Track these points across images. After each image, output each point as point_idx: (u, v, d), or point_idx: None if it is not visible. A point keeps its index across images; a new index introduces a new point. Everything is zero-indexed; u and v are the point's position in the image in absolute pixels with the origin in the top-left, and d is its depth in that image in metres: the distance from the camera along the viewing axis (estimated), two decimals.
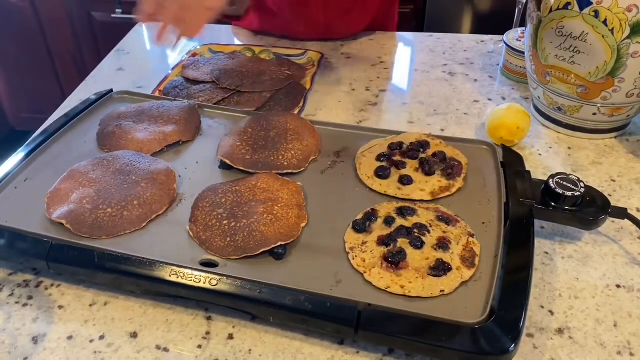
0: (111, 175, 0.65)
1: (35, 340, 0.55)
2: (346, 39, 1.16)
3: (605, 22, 0.71)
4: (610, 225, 0.68)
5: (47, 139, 0.74)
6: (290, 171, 0.69)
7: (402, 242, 0.57)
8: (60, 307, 0.58)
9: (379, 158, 0.70)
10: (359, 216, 0.62)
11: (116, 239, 0.60)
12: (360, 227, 0.60)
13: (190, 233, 0.60)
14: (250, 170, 0.69)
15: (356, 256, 0.57)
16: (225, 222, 0.60)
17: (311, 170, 0.71)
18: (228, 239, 0.59)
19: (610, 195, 0.73)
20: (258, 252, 0.57)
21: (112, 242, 0.59)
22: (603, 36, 0.72)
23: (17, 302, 0.59)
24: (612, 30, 0.71)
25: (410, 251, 0.56)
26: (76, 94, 0.97)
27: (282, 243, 0.58)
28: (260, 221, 0.59)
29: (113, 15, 2.05)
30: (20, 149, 0.72)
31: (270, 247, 0.57)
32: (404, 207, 0.62)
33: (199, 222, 0.61)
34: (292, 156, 0.70)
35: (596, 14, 0.71)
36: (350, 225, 0.61)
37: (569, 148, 0.82)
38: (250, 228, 0.59)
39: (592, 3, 0.71)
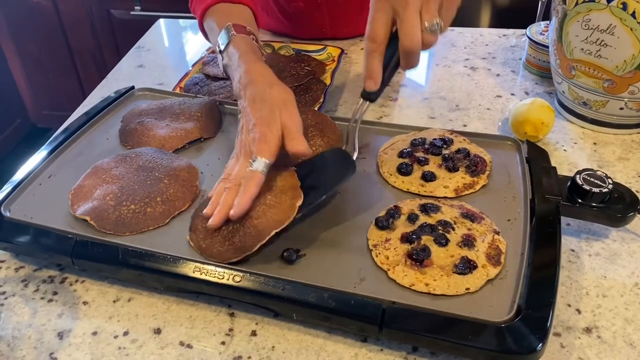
0: (134, 172, 0.66)
1: (60, 335, 0.55)
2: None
3: (633, 15, 0.69)
4: (638, 222, 0.66)
5: (70, 136, 0.74)
6: None
7: (426, 240, 0.57)
8: (85, 302, 0.59)
9: (401, 154, 0.70)
10: (382, 213, 0.61)
11: (139, 235, 0.60)
12: (383, 224, 0.59)
13: (191, 243, 0.59)
14: None
15: (379, 253, 0.57)
16: (224, 227, 0.59)
17: None
18: (227, 242, 0.57)
19: (637, 192, 0.71)
20: (256, 248, 0.56)
21: (136, 238, 0.60)
22: (631, 29, 0.70)
23: (42, 298, 0.59)
24: None
25: (434, 248, 0.56)
26: (97, 91, 0.98)
27: (277, 231, 0.56)
28: (252, 215, 0.58)
29: (132, 13, 2.07)
30: (44, 145, 0.73)
31: (267, 239, 0.56)
32: (428, 204, 0.61)
33: (198, 230, 0.60)
34: (313, 152, 0.70)
35: (624, 6, 0.69)
36: (373, 222, 0.60)
37: (595, 143, 0.81)
38: (244, 226, 0.58)
39: None
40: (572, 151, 0.80)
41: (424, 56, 1.09)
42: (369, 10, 0.60)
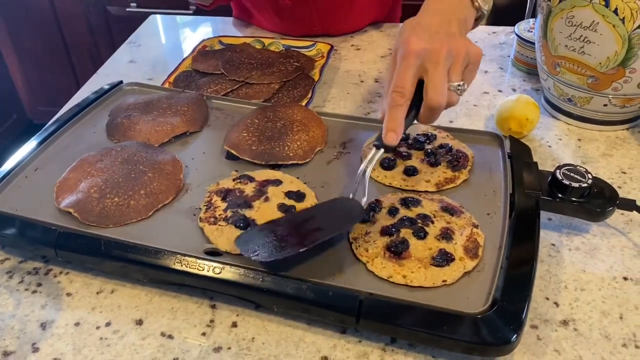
0: (119, 165, 0.66)
1: (43, 326, 0.56)
2: (355, 31, 1.16)
3: (615, 12, 0.69)
4: (619, 217, 0.67)
5: (57, 130, 0.75)
6: (295, 162, 0.69)
7: (405, 233, 0.57)
8: (69, 294, 0.59)
9: None
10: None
11: (123, 227, 0.60)
12: (364, 217, 0.60)
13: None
14: (256, 161, 0.69)
15: (359, 246, 0.57)
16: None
17: (317, 161, 0.71)
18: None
19: (620, 187, 0.72)
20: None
21: (119, 230, 0.60)
22: (614, 26, 0.71)
23: (26, 289, 0.60)
24: (622, 20, 0.70)
25: (413, 241, 0.56)
26: (88, 86, 0.98)
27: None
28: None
29: (128, 9, 2.07)
30: (32, 139, 0.73)
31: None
32: (408, 198, 0.62)
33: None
34: (297, 147, 0.70)
35: (606, 3, 0.70)
36: None
37: (579, 140, 0.82)
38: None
39: None
40: (557, 147, 0.80)
41: None
42: (396, 64, 0.60)
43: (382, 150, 0.60)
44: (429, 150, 0.69)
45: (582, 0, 0.71)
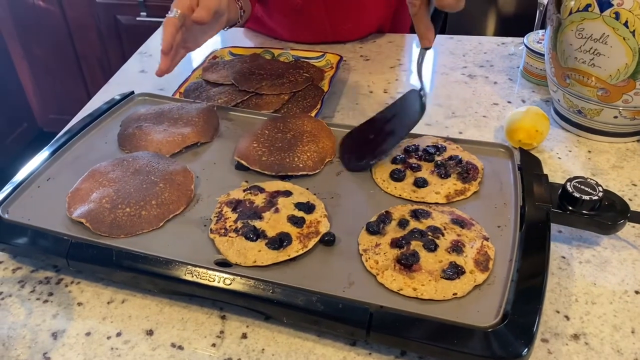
0: (130, 176, 0.67)
1: (54, 335, 0.56)
2: (365, 41, 1.16)
3: (626, 24, 0.70)
4: (630, 230, 0.67)
5: (69, 140, 0.75)
6: (305, 173, 0.70)
7: (416, 245, 0.57)
8: (80, 304, 0.60)
9: (394, 161, 0.70)
10: (373, 218, 0.62)
11: (134, 238, 0.61)
12: (374, 229, 0.60)
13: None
14: (265, 172, 0.70)
15: (369, 258, 0.57)
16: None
17: (327, 172, 0.71)
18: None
19: (630, 200, 0.71)
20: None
21: (130, 241, 0.60)
22: (624, 38, 0.71)
23: (38, 299, 0.60)
24: (633, 32, 0.70)
25: (423, 254, 0.56)
26: (99, 96, 0.99)
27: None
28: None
29: (138, 19, 2.09)
30: (44, 149, 0.74)
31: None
32: (419, 210, 0.62)
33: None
34: (307, 158, 0.71)
35: (617, 16, 0.70)
36: (364, 227, 0.61)
37: (589, 151, 0.81)
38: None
39: (612, 5, 0.70)
40: (567, 159, 0.80)
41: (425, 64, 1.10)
42: None
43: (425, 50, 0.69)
44: (439, 162, 0.69)
45: (592, 12, 0.72)
